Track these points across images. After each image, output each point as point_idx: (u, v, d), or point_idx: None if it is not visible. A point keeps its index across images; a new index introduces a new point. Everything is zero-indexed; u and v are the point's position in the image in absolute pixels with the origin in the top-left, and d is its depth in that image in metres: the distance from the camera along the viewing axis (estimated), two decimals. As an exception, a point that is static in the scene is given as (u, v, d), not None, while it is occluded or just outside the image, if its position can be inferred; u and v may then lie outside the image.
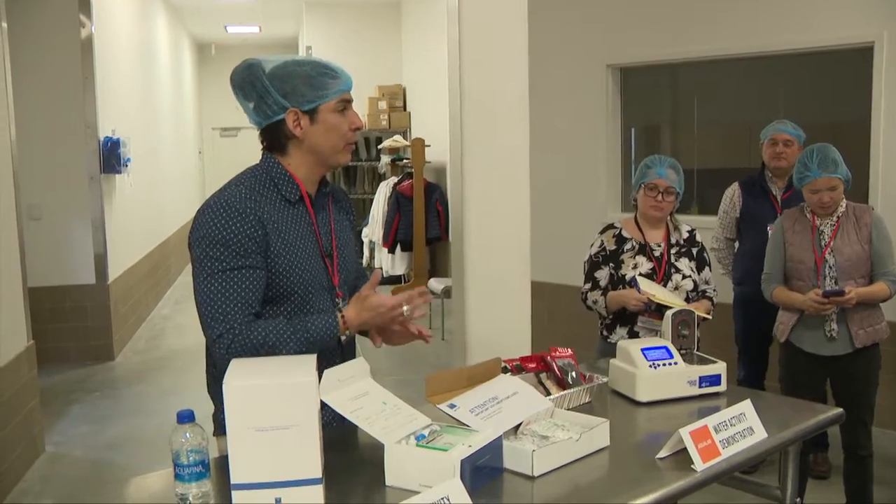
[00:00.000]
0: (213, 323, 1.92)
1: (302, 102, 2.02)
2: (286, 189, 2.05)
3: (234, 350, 1.90)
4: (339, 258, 2.15)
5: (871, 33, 4.76)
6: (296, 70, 2.03)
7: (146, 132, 9.24)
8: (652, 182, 3.23)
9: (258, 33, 14.03)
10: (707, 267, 3.33)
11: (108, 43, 7.47)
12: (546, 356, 2.34)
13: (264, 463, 1.58)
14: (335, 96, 2.04)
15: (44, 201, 6.51)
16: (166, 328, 8.35)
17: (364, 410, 1.79)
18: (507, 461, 1.80)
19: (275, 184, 2.05)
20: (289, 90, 2.01)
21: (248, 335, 1.91)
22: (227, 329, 1.91)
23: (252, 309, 1.95)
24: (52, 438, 5.04)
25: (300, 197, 2.07)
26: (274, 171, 2.06)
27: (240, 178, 2.07)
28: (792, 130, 4.22)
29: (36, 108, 6.21)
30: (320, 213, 2.14)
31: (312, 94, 2.02)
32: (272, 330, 1.92)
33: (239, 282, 1.93)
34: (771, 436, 2.05)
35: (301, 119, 2.03)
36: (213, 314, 1.92)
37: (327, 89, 2.03)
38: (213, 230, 1.94)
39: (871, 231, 3.33)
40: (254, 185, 2.03)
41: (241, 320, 1.92)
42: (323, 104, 2.03)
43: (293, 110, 2.02)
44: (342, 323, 1.98)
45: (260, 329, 1.92)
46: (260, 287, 1.97)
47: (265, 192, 2.03)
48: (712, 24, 5.39)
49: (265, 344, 1.91)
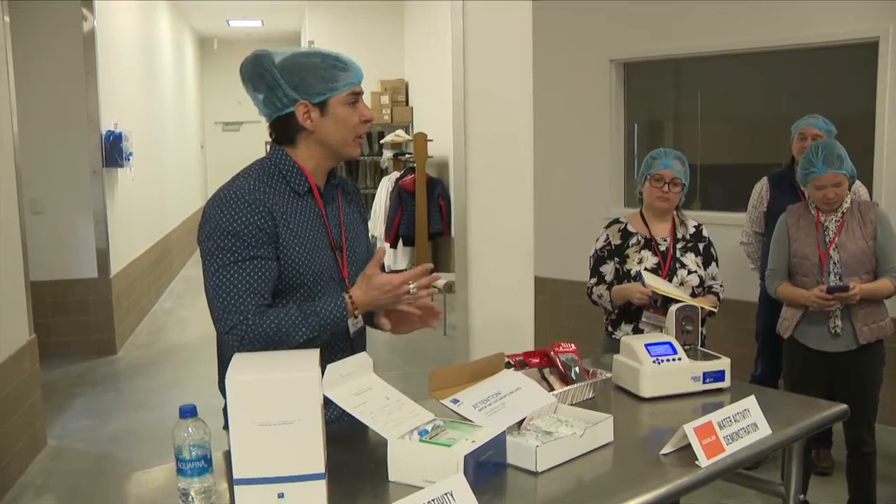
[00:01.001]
0: (225, 314, 1.92)
1: (312, 95, 2.01)
2: (294, 181, 2.05)
3: (247, 340, 1.90)
4: (349, 250, 2.15)
5: (877, 28, 4.74)
6: (306, 62, 2.01)
7: (148, 126, 9.24)
8: (658, 173, 3.22)
9: (261, 27, 14.02)
10: (714, 262, 3.32)
11: (111, 37, 7.46)
12: (549, 351, 2.34)
13: (267, 458, 1.57)
14: (346, 88, 2.03)
15: (46, 195, 6.51)
16: (168, 322, 8.36)
17: (367, 405, 1.78)
18: (510, 457, 1.80)
19: (283, 176, 2.04)
20: (299, 82, 2.00)
21: (260, 325, 1.91)
22: (240, 320, 1.91)
23: (264, 300, 1.94)
24: (54, 432, 5.05)
25: (308, 188, 2.07)
26: (282, 164, 2.05)
27: (248, 170, 2.07)
28: (822, 125, 4.17)
29: (38, 102, 6.20)
30: (329, 204, 2.13)
31: (323, 86, 2.01)
32: (283, 318, 1.92)
33: (251, 272, 1.93)
34: (775, 432, 2.04)
35: (311, 111, 2.02)
36: (226, 305, 1.92)
37: (337, 81, 2.02)
38: (223, 221, 1.94)
39: (875, 227, 3.32)
40: (262, 177, 2.03)
41: (254, 311, 1.92)
42: (333, 96, 2.02)
43: (303, 102, 2.01)
44: (350, 303, 1.97)
45: (272, 318, 1.92)
46: (271, 278, 1.97)
47: (274, 184, 2.03)
48: (716, 19, 5.37)
49: (278, 332, 1.90)
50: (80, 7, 6.58)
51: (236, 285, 1.92)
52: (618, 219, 3.37)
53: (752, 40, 5.23)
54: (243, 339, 1.90)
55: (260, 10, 12.53)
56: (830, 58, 5.23)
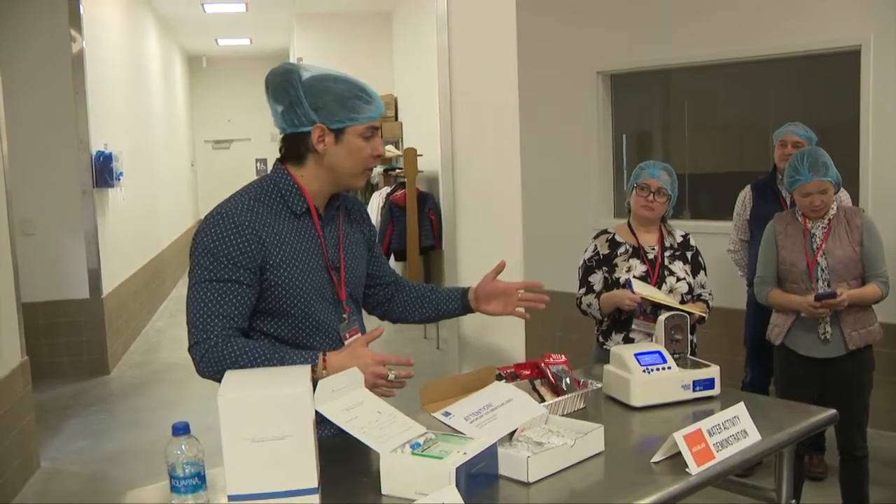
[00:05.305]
0: (192, 329, 1.96)
1: (331, 120, 2.01)
2: (292, 201, 2.05)
3: (206, 361, 1.93)
4: (347, 272, 2.15)
5: (859, 37, 4.79)
6: (332, 87, 2.02)
7: (138, 146, 9.24)
8: (644, 182, 3.26)
9: (249, 45, 14.06)
10: (702, 271, 3.34)
11: (100, 57, 7.48)
12: (540, 363, 2.35)
13: (260, 473, 1.58)
14: (365, 122, 2.04)
15: (37, 216, 6.50)
16: (161, 341, 8.33)
17: (359, 420, 1.79)
18: (502, 468, 1.81)
19: (282, 195, 2.05)
20: (321, 105, 2.01)
21: (222, 350, 1.92)
22: (202, 339, 1.93)
23: (233, 323, 1.95)
24: (47, 454, 5.03)
25: (306, 209, 2.07)
26: (282, 183, 2.06)
27: (247, 189, 2.08)
28: (803, 132, 4.21)
29: (28, 122, 6.21)
30: (328, 225, 2.13)
31: (343, 114, 2.02)
32: (248, 351, 1.93)
33: (223, 294, 1.95)
34: (765, 438, 2.05)
35: (326, 136, 2.03)
36: (194, 322, 1.96)
37: (359, 113, 2.03)
38: (207, 240, 1.96)
39: (862, 233, 3.35)
40: (259, 196, 2.04)
41: (219, 333, 1.93)
42: (351, 126, 2.03)
43: (320, 126, 2.02)
44: (322, 362, 1.96)
45: (236, 347, 1.93)
46: (244, 303, 1.97)
47: (271, 203, 2.04)
48: (701, 29, 5.42)
49: (237, 363, 1.91)
50: (69, 28, 6.60)
51: (207, 304, 1.94)
52: (606, 230, 3.40)
53: (737, 50, 5.28)
54: (203, 358, 1.93)
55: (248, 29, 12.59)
56: (815, 66, 5.28)
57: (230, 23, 11.90)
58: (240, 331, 1.97)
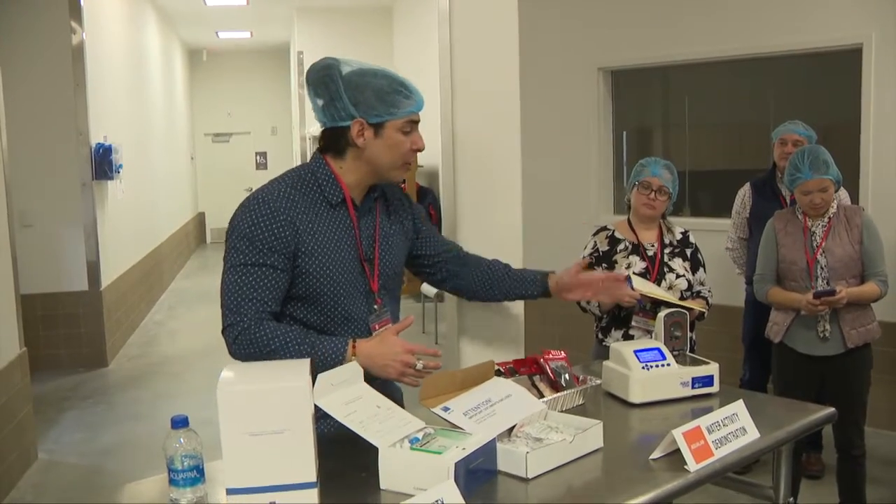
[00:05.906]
0: (226, 312, 1.99)
1: (371, 115, 2.03)
2: (329, 191, 2.07)
3: (239, 343, 1.96)
4: (381, 264, 2.15)
5: (860, 35, 4.79)
6: (371, 82, 2.03)
7: (138, 138, 9.23)
8: (646, 180, 3.25)
9: (250, 39, 14.04)
10: (702, 268, 3.34)
11: (100, 49, 7.47)
12: (539, 359, 2.35)
13: (259, 467, 1.58)
14: (404, 116, 2.05)
15: (36, 208, 6.50)
16: (159, 334, 8.34)
17: (358, 414, 1.79)
18: (500, 463, 1.81)
19: (318, 184, 2.07)
20: (360, 100, 2.02)
21: (255, 332, 1.95)
22: (236, 321, 1.96)
23: (266, 307, 1.98)
24: (45, 446, 5.03)
25: (342, 200, 2.08)
26: (319, 173, 2.08)
27: (284, 176, 2.10)
28: (802, 130, 4.21)
29: (27, 114, 6.20)
30: (364, 217, 2.14)
31: (383, 109, 2.03)
32: (280, 335, 1.95)
33: (257, 278, 1.97)
34: (764, 436, 2.05)
35: (366, 130, 2.04)
36: (228, 304, 1.99)
37: (398, 107, 2.04)
38: (243, 224, 1.99)
39: (861, 232, 3.35)
40: (296, 184, 2.06)
41: (252, 316, 1.96)
42: (390, 121, 2.04)
43: (360, 120, 2.03)
44: (352, 349, 1.98)
45: (268, 330, 1.96)
46: (278, 287, 2.00)
47: (307, 192, 2.05)
48: (703, 26, 5.42)
49: (268, 346, 1.94)
50: (69, 20, 6.59)
51: (241, 287, 1.97)
52: (605, 226, 3.39)
53: (739, 47, 5.27)
54: (236, 340, 1.96)
55: (249, 22, 12.56)
56: (816, 64, 5.27)
57: (231, 16, 11.88)
58: (272, 315, 2.00)
